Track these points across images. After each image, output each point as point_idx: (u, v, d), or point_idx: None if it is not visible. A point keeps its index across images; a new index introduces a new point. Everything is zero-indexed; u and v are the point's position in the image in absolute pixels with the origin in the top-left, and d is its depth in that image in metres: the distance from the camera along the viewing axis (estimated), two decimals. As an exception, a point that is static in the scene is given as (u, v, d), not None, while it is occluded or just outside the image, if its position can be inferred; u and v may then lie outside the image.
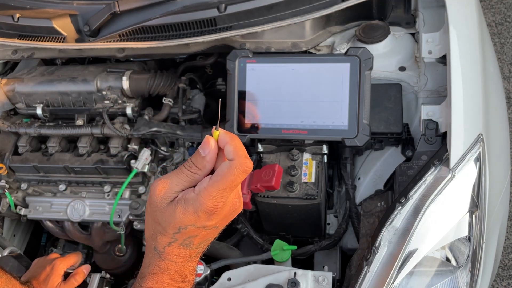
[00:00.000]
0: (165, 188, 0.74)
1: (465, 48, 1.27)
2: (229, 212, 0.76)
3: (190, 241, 0.76)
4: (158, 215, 0.75)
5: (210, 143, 0.74)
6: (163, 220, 0.74)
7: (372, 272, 1.11)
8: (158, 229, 0.75)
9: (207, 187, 0.71)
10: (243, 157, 0.72)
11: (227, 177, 0.71)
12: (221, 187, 0.71)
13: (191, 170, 0.74)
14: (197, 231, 0.75)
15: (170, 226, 0.74)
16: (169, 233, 0.75)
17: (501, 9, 3.20)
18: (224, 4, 1.37)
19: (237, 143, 0.73)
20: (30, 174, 1.62)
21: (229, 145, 0.73)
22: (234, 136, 0.75)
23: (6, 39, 1.53)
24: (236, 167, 0.71)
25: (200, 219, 0.73)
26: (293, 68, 1.33)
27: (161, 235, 0.76)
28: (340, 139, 1.29)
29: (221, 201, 0.72)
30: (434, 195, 1.12)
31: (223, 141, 0.74)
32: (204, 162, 0.74)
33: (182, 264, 0.78)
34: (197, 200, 0.72)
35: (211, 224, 0.75)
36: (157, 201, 0.74)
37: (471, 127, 1.19)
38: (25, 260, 1.47)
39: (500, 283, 2.26)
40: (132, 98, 1.60)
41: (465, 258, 1.15)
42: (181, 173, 0.74)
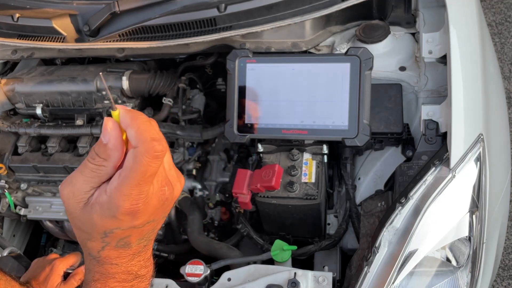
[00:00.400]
0: (72, 191, 0.63)
1: (465, 48, 1.27)
2: (159, 204, 0.65)
3: (125, 242, 0.66)
4: (76, 222, 0.65)
5: (109, 126, 0.61)
6: (84, 227, 0.64)
7: (372, 272, 1.11)
8: (84, 236, 0.66)
9: (118, 187, 0.60)
10: (148, 140, 0.59)
11: (135, 169, 0.59)
12: (133, 183, 0.60)
13: (94, 162, 0.62)
14: (127, 232, 0.65)
15: (94, 231, 0.64)
16: (96, 239, 0.65)
17: (502, 9, 3.20)
18: (224, 4, 1.37)
19: (140, 124, 0.60)
20: (30, 174, 1.62)
21: (130, 128, 0.60)
22: (137, 114, 0.62)
23: (5, 39, 1.53)
24: (143, 155, 0.59)
25: (123, 221, 0.63)
26: (293, 68, 1.33)
27: (90, 242, 0.66)
28: (340, 139, 1.29)
29: (140, 198, 0.61)
30: (434, 195, 1.12)
31: (124, 123, 0.61)
32: (108, 151, 0.61)
33: (125, 265, 0.68)
34: (111, 203, 0.61)
35: (140, 223, 0.64)
36: (69, 207, 0.64)
37: (471, 127, 1.19)
38: (25, 260, 1.47)
39: (501, 283, 2.26)
40: (132, 98, 1.60)
41: (466, 258, 1.15)
42: (85, 169, 0.62)
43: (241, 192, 1.31)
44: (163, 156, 0.61)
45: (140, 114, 0.62)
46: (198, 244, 1.47)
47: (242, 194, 1.31)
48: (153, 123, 0.63)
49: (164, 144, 0.61)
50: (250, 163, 1.51)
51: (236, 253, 1.41)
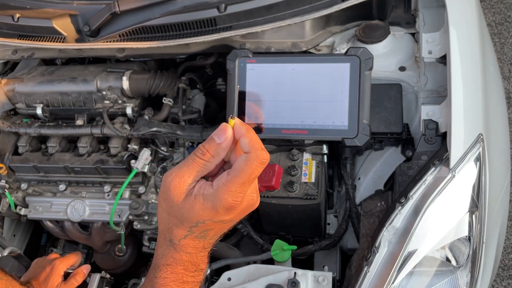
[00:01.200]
0: (179, 182, 0.72)
1: (465, 48, 1.27)
2: (246, 206, 0.75)
3: (205, 234, 0.76)
4: (175, 210, 0.73)
5: (228, 131, 0.72)
6: (180, 215, 0.73)
7: (372, 272, 1.11)
8: (175, 223, 0.75)
9: (226, 183, 0.70)
10: (259, 149, 0.71)
11: (245, 171, 0.70)
12: (240, 182, 0.70)
13: (203, 158, 0.73)
14: (214, 225, 0.75)
15: (187, 220, 0.73)
16: (186, 227, 0.74)
17: (501, 9, 3.20)
18: (224, 4, 1.37)
19: (252, 135, 0.72)
20: (30, 174, 1.62)
21: (244, 137, 0.72)
22: (250, 127, 0.73)
23: (6, 39, 1.53)
24: (254, 160, 0.70)
25: (219, 214, 0.72)
26: (293, 68, 1.33)
27: (177, 228, 0.75)
28: (340, 139, 1.29)
29: (240, 196, 0.71)
30: (434, 195, 1.12)
31: (239, 132, 0.73)
32: (219, 150, 0.73)
33: (195, 255, 0.77)
34: (216, 196, 0.71)
35: (228, 219, 0.75)
36: (172, 197, 0.72)
37: (471, 127, 1.19)
38: (25, 260, 1.47)
39: (500, 283, 2.26)
40: (132, 98, 1.60)
41: (465, 258, 1.15)
42: (192, 163, 0.73)
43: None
44: (266, 164, 0.72)
45: (252, 129, 0.74)
46: (198, 244, 1.47)
47: (242, 194, 1.31)
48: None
49: (268, 155, 0.72)
50: (250, 163, 1.51)
51: (236, 253, 1.41)
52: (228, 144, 0.73)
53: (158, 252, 0.78)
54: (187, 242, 0.76)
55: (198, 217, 0.72)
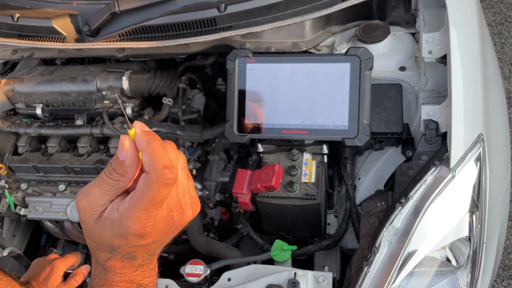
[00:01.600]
0: (89, 203, 0.66)
1: (465, 48, 1.27)
2: (166, 228, 0.68)
3: (131, 255, 0.70)
4: (89, 232, 0.68)
5: (125, 145, 0.64)
6: (95, 238, 0.68)
7: (372, 272, 1.11)
8: (94, 245, 0.70)
9: (128, 209, 0.63)
10: (160, 168, 0.62)
11: (146, 195, 0.62)
12: (142, 207, 0.63)
13: (112, 178, 0.65)
14: (133, 248, 0.68)
15: (103, 244, 0.68)
16: (104, 250, 0.68)
17: (502, 9, 3.20)
18: (224, 4, 1.37)
19: (154, 149, 0.63)
20: (29, 174, 1.62)
21: (144, 153, 0.63)
22: (152, 138, 0.64)
23: (5, 39, 1.53)
24: (154, 182, 0.61)
25: (131, 241, 0.66)
26: (293, 68, 1.33)
27: (98, 251, 0.69)
28: (340, 139, 1.29)
29: (148, 222, 0.64)
30: (434, 195, 1.12)
31: (140, 145, 0.64)
32: (124, 167, 0.65)
33: (129, 274, 0.71)
34: (121, 223, 0.64)
35: (146, 243, 0.67)
36: (84, 218, 0.67)
37: (471, 127, 1.19)
38: (25, 260, 1.47)
39: (501, 283, 2.26)
40: (132, 98, 1.60)
41: (466, 258, 1.15)
42: (102, 183, 0.66)
43: (241, 192, 1.31)
44: (173, 184, 0.63)
45: (155, 138, 0.64)
46: (198, 244, 1.47)
47: (242, 194, 1.31)
48: (169, 147, 0.66)
49: (175, 172, 0.63)
50: (250, 163, 1.51)
51: (236, 253, 1.41)
52: (132, 159, 0.64)
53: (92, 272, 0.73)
54: (114, 264, 0.70)
55: (111, 242, 0.67)
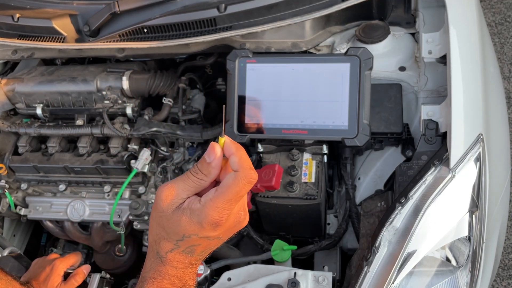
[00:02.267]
0: (172, 194, 0.74)
1: (465, 48, 1.27)
2: (233, 224, 0.77)
3: (192, 249, 0.77)
4: (163, 220, 0.75)
5: (216, 150, 0.75)
6: (168, 227, 0.75)
7: (372, 272, 1.11)
8: (162, 235, 0.76)
9: (213, 199, 0.72)
10: (248, 168, 0.73)
11: (232, 188, 0.72)
12: (227, 199, 0.72)
13: (197, 176, 0.75)
14: (200, 240, 0.76)
15: (174, 233, 0.75)
16: (172, 240, 0.76)
17: (501, 9, 3.20)
18: (224, 4, 1.37)
19: (242, 154, 0.74)
20: (30, 174, 1.62)
21: (234, 155, 0.74)
22: (239, 146, 0.75)
23: (6, 39, 1.53)
24: (241, 179, 0.72)
25: (204, 230, 0.74)
26: (293, 68, 1.33)
27: (164, 241, 0.77)
28: (340, 139, 1.29)
29: (226, 213, 0.73)
30: (434, 195, 1.12)
31: (229, 151, 0.75)
32: (210, 169, 0.75)
33: (182, 270, 0.78)
34: (202, 211, 0.73)
35: (214, 235, 0.76)
36: (163, 207, 0.75)
37: (471, 127, 1.19)
38: (25, 260, 1.47)
39: (500, 283, 2.26)
40: (132, 98, 1.60)
41: (465, 258, 1.15)
42: (187, 179, 0.75)
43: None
44: (253, 184, 0.74)
45: (242, 147, 0.76)
46: (198, 244, 1.47)
47: (242, 194, 1.31)
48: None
49: (257, 175, 0.74)
50: (250, 163, 1.51)
51: (236, 253, 1.41)
52: (218, 163, 0.75)
53: (146, 264, 0.80)
54: (174, 256, 0.77)
55: (184, 230, 0.74)
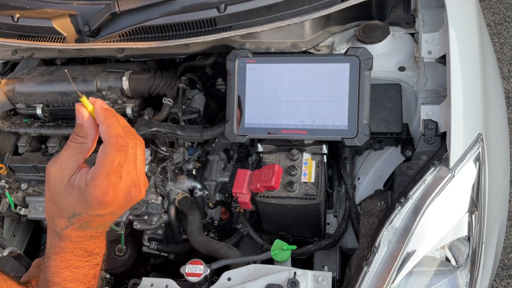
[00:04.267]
0: (60, 167, 0.75)
1: (465, 48, 1.27)
2: (124, 200, 0.77)
3: (87, 225, 0.79)
4: (55, 197, 0.76)
5: (82, 112, 0.75)
6: (59, 203, 0.77)
7: (372, 272, 1.11)
8: (55, 212, 0.78)
9: (93, 177, 0.74)
10: (114, 136, 0.73)
11: (104, 161, 0.73)
12: (104, 173, 0.73)
13: (76, 141, 0.76)
14: (92, 218, 0.77)
15: (65, 210, 0.77)
16: (65, 217, 0.77)
17: (501, 9, 3.21)
18: (224, 4, 1.37)
19: (109, 122, 0.74)
20: (30, 174, 1.62)
21: (101, 125, 0.75)
22: (108, 112, 0.76)
23: (6, 39, 1.53)
24: (110, 148, 0.73)
25: (93, 209, 0.75)
26: (292, 68, 1.33)
27: (58, 218, 0.78)
28: (339, 139, 1.29)
29: (110, 189, 0.74)
30: (433, 195, 1.12)
31: (98, 119, 0.76)
32: (84, 129, 0.76)
33: (83, 243, 0.80)
34: (86, 191, 0.74)
35: (105, 213, 0.77)
36: (54, 183, 0.76)
37: (471, 127, 1.19)
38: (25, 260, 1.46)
39: (500, 282, 2.26)
40: (132, 98, 1.60)
41: (465, 258, 1.16)
42: (69, 147, 0.76)
43: (241, 192, 1.31)
44: (126, 150, 0.74)
45: (112, 114, 0.76)
46: (198, 244, 1.47)
47: (242, 194, 1.32)
48: (121, 121, 0.78)
49: (126, 140, 0.75)
50: (250, 163, 1.52)
51: (236, 253, 1.41)
52: (89, 122, 0.75)
53: (47, 241, 0.81)
54: (70, 232, 0.78)
55: (74, 208, 0.75)
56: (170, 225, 1.63)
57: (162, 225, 1.61)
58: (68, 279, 0.80)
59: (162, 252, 1.62)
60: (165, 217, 1.59)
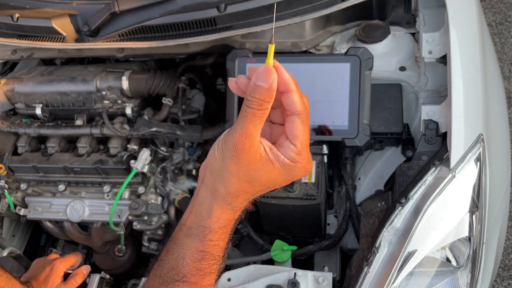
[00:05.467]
0: (253, 143, 0.69)
1: (465, 48, 1.27)
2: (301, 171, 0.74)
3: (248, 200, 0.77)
4: (250, 173, 0.71)
5: (273, 73, 0.69)
6: (254, 178, 0.71)
7: (372, 273, 1.11)
8: (244, 188, 0.73)
9: (299, 151, 0.70)
10: (307, 109, 0.72)
11: (305, 132, 0.71)
12: (307, 145, 0.71)
13: (263, 108, 0.68)
14: (268, 190, 0.75)
15: (260, 184, 0.72)
16: (254, 191, 0.74)
17: (502, 9, 3.20)
18: (224, 4, 1.37)
19: (300, 93, 0.71)
20: (29, 174, 1.62)
21: (293, 94, 0.70)
22: (296, 83, 0.71)
23: (5, 39, 1.53)
24: (306, 120, 0.71)
25: (293, 178, 0.73)
26: (293, 68, 1.33)
27: (245, 193, 0.74)
28: (340, 139, 1.29)
29: (310, 159, 0.73)
30: (434, 196, 1.12)
31: (286, 86, 0.70)
32: (271, 93, 0.68)
33: (239, 214, 0.78)
34: (295, 166, 0.71)
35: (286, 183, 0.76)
36: (249, 159, 0.70)
37: (472, 127, 1.19)
38: (25, 260, 1.47)
39: (501, 283, 2.26)
40: (132, 98, 1.60)
41: (465, 258, 1.15)
42: (253, 117, 0.68)
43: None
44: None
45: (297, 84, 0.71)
46: (198, 244, 1.46)
47: (242, 194, 1.31)
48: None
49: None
50: (250, 163, 1.51)
51: (236, 253, 1.41)
52: (275, 86, 0.69)
53: (212, 216, 0.75)
54: (244, 206, 0.76)
55: (273, 182, 0.72)
56: (170, 225, 1.63)
57: (162, 225, 1.60)
58: (221, 254, 0.79)
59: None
60: (165, 218, 1.58)
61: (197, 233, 0.76)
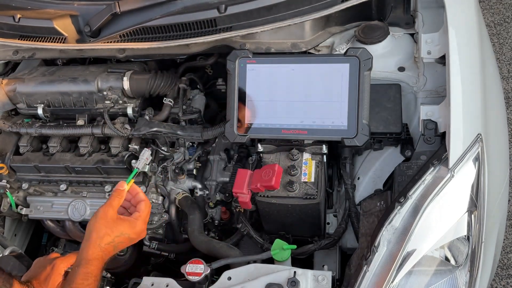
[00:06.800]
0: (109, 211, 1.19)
1: (464, 48, 1.28)
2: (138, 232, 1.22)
3: (117, 245, 1.17)
4: (109, 224, 1.16)
5: (124, 188, 1.24)
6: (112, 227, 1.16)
7: (372, 272, 1.11)
8: (107, 232, 1.15)
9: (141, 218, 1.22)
10: (149, 203, 1.27)
11: (147, 211, 1.24)
12: (148, 216, 1.24)
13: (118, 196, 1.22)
14: (124, 238, 1.18)
15: (116, 231, 1.16)
16: (111, 236, 1.15)
17: (500, 10, 3.21)
18: (224, 5, 1.37)
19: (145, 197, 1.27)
20: (31, 174, 1.62)
21: (142, 195, 1.26)
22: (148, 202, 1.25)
23: (7, 40, 1.54)
24: (148, 207, 1.25)
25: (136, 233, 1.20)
26: (292, 69, 1.33)
27: (107, 236, 1.15)
28: (339, 139, 1.30)
29: (146, 224, 1.23)
30: (433, 195, 1.12)
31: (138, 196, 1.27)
32: (123, 194, 1.23)
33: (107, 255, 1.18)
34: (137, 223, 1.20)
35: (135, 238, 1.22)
36: (105, 218, 1.17)
37: (470, 127, 1.20)
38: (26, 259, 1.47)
39: (499, 282, 2.27)
40: (133, 98, 1.60)
41: (464, 257, 1.16)
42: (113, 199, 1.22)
43: (241, 192, 1.32)
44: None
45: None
46: (198, 243, 1.47)
47: (242, 194, 1.32)
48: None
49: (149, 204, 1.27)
50: (250, 163, 1.52)
51: (236, 252, 1.42)
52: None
53: (88, 253, 1.14)
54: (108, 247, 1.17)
55: (121, 231, 1.18)
56: (171, 224, 1.63)
57: (163, 224, 1.61)
58: None
59: (162, 251, 1.63)
60: (166, 217, 1.59)
61: (79, 268, 1.12)
